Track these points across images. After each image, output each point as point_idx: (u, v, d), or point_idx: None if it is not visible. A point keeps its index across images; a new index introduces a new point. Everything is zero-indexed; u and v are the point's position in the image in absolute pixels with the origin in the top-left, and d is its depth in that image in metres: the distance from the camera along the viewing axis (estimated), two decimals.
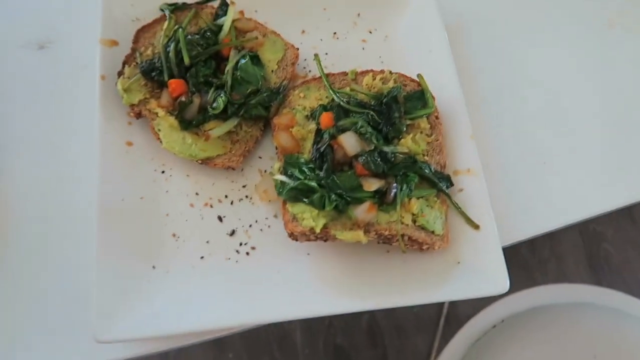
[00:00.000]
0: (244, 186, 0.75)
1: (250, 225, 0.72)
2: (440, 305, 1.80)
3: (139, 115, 0.74)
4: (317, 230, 0.64)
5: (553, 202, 0.80)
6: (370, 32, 0.87)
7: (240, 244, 0.71)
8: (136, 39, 0.78)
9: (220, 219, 0.73)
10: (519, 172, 0.81)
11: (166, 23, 0.78)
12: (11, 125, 0.79)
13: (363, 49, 0.86)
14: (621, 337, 1.33)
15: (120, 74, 0.75)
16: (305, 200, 0.65)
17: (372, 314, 1.80)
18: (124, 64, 0.76)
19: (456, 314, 1.80)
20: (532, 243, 1.93)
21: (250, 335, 1.73)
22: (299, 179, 0.67)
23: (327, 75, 0.78)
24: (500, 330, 1.36)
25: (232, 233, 0.72)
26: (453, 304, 1.80)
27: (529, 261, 1.90)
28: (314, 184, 0.65)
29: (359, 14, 0.87)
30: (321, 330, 1.78)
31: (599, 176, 0.83)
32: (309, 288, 0.67)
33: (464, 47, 0.89)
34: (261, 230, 0.72)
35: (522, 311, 1.36)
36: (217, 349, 1.71)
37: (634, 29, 0.94)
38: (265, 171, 0.76)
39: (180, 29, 0.75)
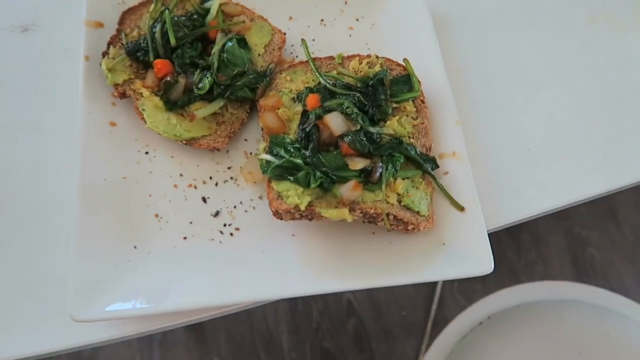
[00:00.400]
0: (229, 168, 0.74)
1: (235, 207, 0.72)
2: (427, 308, 1.79)
3: (123, 96, 0.73)
4: (302, 208, 0.63)
5: (537, 188, 0.81)
6: (357, 20, 0.87)
7: (225, 225, 0.70)
8: (122, 21, 0.77)
9: (204, 200, 0.72)
10: (503, 159, 0.82)
11: (152, 5, 0.77)
12: None
13: (350, 36, 0.86)
14: (606, 333, 1.34)
15: (104, 54, 0.74)
16: (290, 178, 0.65)
17: (359, 318, 1.79)
18: (109, 44, 0.75)
19: (444, 316, 1.80)
20: (519, 247, 1.94)
21: (236, 339, 1.71)
22: (284, 157, 0.66)
23: (314, 60, 0.78)
24: (486, 326, 1.35)
25: (217, 214, 0.71)
26: (441, 307, 1.79)
27: (515, 264, 1.91)
28: (299, 161, 0.65)
29: (346, 2, 0.88)
30: (308, 333, 1.76)
31: (582, 163, 0.84)
32: (294, 269, 0.67)
33: (451, 42, 0.90)
34: (246, 211, 0.72)
35: (509, 308, 1.36)
36: (202, 352, 1.69)
37: (615, 24, 0.96)
38: (251, 153, 0.76)
39: (167, 11, 0.75)
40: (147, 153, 0.73)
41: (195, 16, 0.77)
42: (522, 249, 1.94)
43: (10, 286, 0.69)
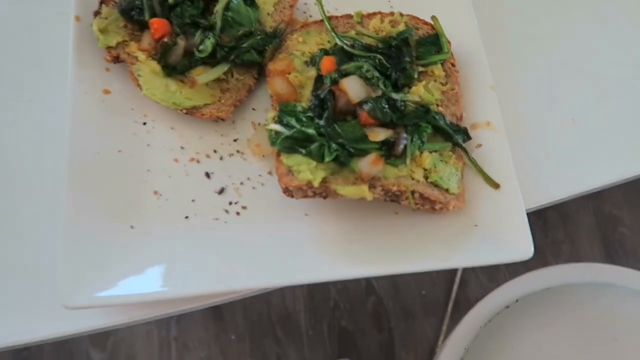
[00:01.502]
0: (235, 140, 0.67)
1: (242, 183, 0.65)
2: (449, 287, 1.76)
3: (116, 60, 0.67)
4: (315, 185, 0.56)
5: (582, 163, 0.73)
6: None
7: (230, 203, 0.64)
8: None
9: (207, 175, 0.65)
10: (544, 129, 0.74)
11: None
12: None
13: None
14: None
15: (96, 14, 0.68)
16: (302, 150, 0.58)
17: (378, 296, 1.76)
18: (100, 3, 0.68)
19: (466, 296, 1.76)
20: (545, 224, 1.88)
21: (253, 317, 1.71)
22: (295, 128, 0.59)
23: (330, 18, 0.70)
24: (513, 310, 1.28)
25: (221, 191, 0.64)
26: (462, 287, 1.76)
27: (541, 242, 1.85)
28: (312, 131, 0.58)
29: None
30: (326, 312, 1.75)
31: (631, 136, 0.75)
32: (307, 252, 0.60)
33: None
34: (254, 188, 0.65)
35: (538, 291, 1.28)
36: (219, 330, 1.68)
37: None
38: (259, 124, 0.69)
39: None
40: (144, 124, 0.67)
41: None
42: (549, 227, 1.88)
43: (3, 269, 0.64)
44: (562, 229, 1.90)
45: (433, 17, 0.69)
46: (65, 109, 0.64)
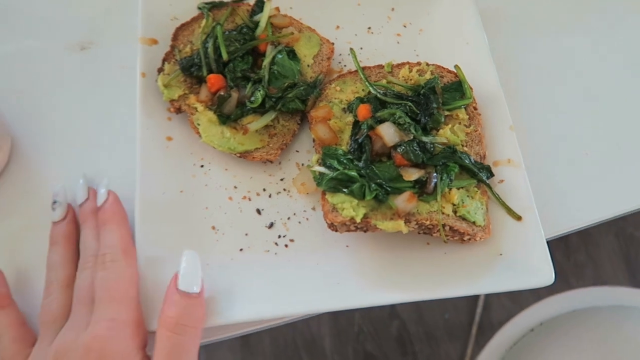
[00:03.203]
0: (281, 179, 0.75)
1: (289, 218, 0.72)
2: (472, 311, 1.77)
3: (178, 111, 0.75)
4: (358, 220, 0.63)
5: (596, 193, 0.78)
6: (405, 26, 0.87)
7: (279, 237, 0.71)
8: (175, 37, 0.79)
9: (258, 211, 0.73)
10: (560, 163, 0.80)
11: (204, 21, 0.79)
12: (53, 127, 0.81)
13: (398, 43, 0.86)
14: None
15: (160, 70, 0.77)
16: (345, 190, 0.65)
17: (402, 320, 1.78)
18: (163, 61, 0.77)
19: (490, 320, 1.77)
20: (567, 247, 1.88)
21: (279, 342, 1.73)
22: (337, 169, 0.67)
23: (363, 69, 0.78)
24: (538, 334, 1.31)
25: (271, 226, 0.72)
26: (486, 310, 1.76)
27: (564, 266, 1.85)
28: (353, 173, 0.65)
29: (393, 9, 0.88)
30: (350, 336, 1.77)
31: None
32: (348, 279, 0.67)
33: (502, 37, 0.87)
34: (299, 222, 0.72)
35: (563, 314, 1.31)
36: (246, 355, 1.71)
37: None
38: (303, 164, 0.76)
39: (218, 26, 0.77)
40: (202, 166, 0.75)
41: (245, 30, 0.78)
42: (571, 250, 1.88)
43: None
44: (584, 252, 1.90)
45: (456, 66, 0.76)
46: (132, 155, 0.72)
